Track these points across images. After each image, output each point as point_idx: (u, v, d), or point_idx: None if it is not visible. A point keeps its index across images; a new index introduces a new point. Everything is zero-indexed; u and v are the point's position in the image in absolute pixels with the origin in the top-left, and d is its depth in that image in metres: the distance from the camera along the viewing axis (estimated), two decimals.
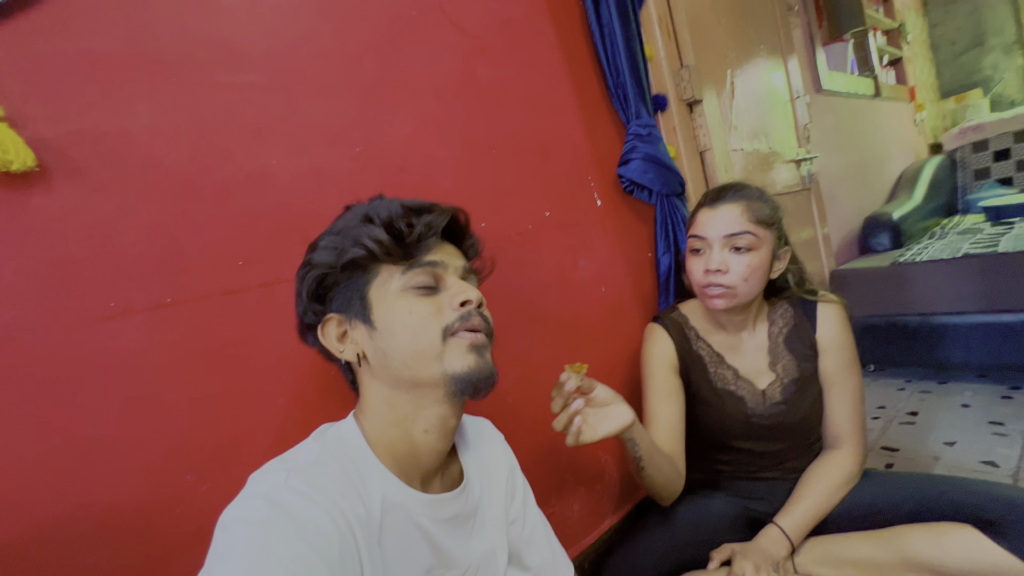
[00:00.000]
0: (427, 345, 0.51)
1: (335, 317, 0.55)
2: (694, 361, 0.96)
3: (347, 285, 0.54)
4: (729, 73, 1.52)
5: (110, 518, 0.56)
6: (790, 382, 0.92)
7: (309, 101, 0.75)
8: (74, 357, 0.56)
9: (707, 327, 0.98)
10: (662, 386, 0.94)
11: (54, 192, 0.56)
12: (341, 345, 0.55)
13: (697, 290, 0.92)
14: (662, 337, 0.98)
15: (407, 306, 0.52)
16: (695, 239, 0.91)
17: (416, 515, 0.52)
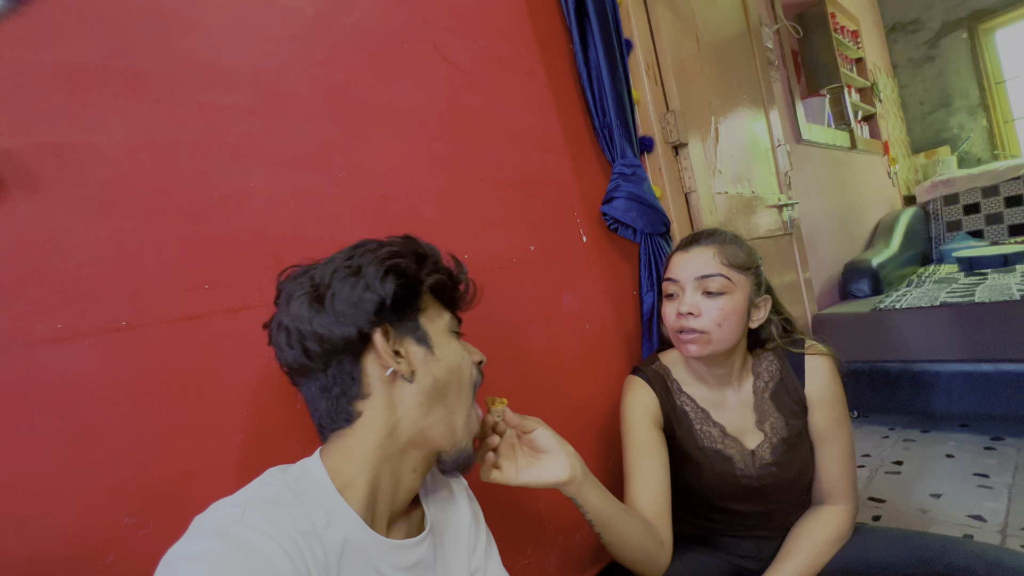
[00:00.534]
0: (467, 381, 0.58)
1: (391, 329, 0.54)
2: (679, 417, 0.92)
3: (413, 302, 0.56)
4: (713, 119, 1.56)
5: (29, 568, 0.50)
6: (779, 442, 0.88)
7: (293, 125, 0.74)
8: (8, 383, 0.51)
9: (689, 380, 0.94)
10: (642, 441, 0.88)
11: (8, 205, 0.53)
12: (398, 358, 0.54)
13: (672, 336, 0.89)
14: (643, 390, 0.93)
15: (460, 349, 0.59)
16: (668, 283, 0.89)
17: (377, 561, 0.49)
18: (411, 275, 0.54)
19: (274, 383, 0.67)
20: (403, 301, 0.54)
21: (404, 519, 0.57)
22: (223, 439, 0.63)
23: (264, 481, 0.48)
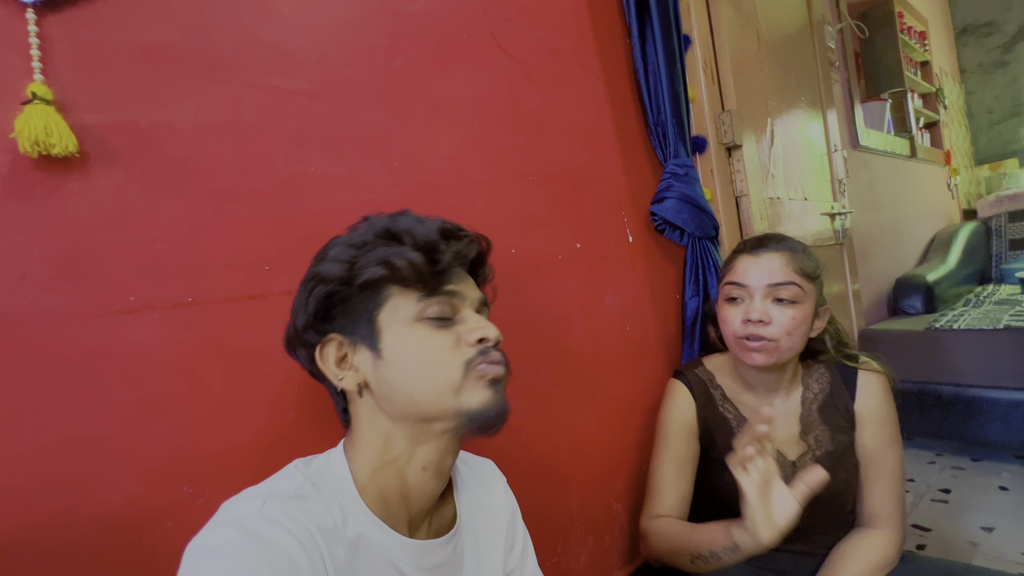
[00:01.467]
0: (444, 380, 0.47)
1: (336, 338, 0.50)
2: (718, 424, 0.90)
3: (357, 305, 0.49)
4: (769, 121, 1.50)
5: (99, 526, 0.53)
6: (823, 455, 0.85)
7: (354, 112, 0.74)
8: (85, 350, 0.54)
9: (734, 387, 0.92)
10: (679, 453, 0.89)
11: (90, 179, 0.55)
12: (340, 371, 0.50)
13: (733, 341, 0.86)
14: (683, 397, 0.92)
15: (422, 339, 0.48)
16: (733, 286, 0.86)
17: (398, 561, 0.48)
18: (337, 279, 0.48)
19: None
20: (338, 306, 0.50)
21: (432, 517, 0.55)
22: (276, 417, 0.64)
23: (288, 473, 0.48)
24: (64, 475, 0.52)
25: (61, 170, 0.54)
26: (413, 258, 0.48)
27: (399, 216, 0.52)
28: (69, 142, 0.52)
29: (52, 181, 0.53)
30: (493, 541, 0.59)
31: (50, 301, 0.52)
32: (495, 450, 0.74)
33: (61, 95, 0.53)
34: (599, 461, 1.02)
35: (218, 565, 0.36)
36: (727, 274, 0.88)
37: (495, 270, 0.61)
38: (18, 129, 0.49)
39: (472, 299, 0.53)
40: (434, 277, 0.49)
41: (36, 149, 0.50)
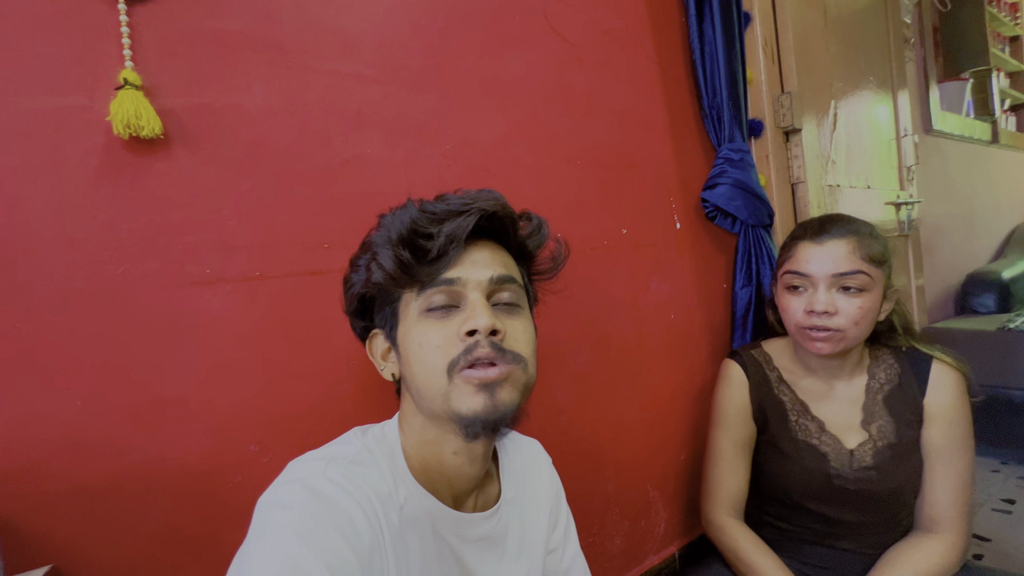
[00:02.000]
0: (434, 382, 0.46)
1: (379, 333, 0.53)
2: (773, 406, 0.88)
3: (383, 303, 0.52)
4: (833, 103, 1.42)
5: (178, 476, 0.58)
6: (885, 447, 0.81)
7: (408, 95, 0.76)
8: (167, 317, 0.59)
9: (794, 369, 0.89)
10: (737, 435, 0.89)
11: (173, 160, 0.60)
12: (384, 362, 0.54)
13: (795, 331, 0.83)
14: (737, 378, 0.90)
15: (419, 335, 0.47)
16: (794, 275, 0.82)
17: (443, 531, 0.50)
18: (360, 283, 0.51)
19: None
20: (372, 304, 0.53)
21: (479, 493, 0.56)
22: (333, 387, 0.68)
23: (347, 439, 0.51)
24: (150, 429, 0.57)
25: (147, 151, 0.58)
26: (397, 254, 0.46)
27: (398, 209, 0.49)
28: (156, 125, 0.56)
29: (140, 161, 0.58)
30: (537, 518, 0.61)
31: (138, 271, 0.57)
32: (536, 430, 0.76)
33: (148, 81, 0.57)
34: (637, 447, 1.02)
35: (288, 518, 0.39)
36: (787, 262, 0.85)
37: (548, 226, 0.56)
38: (112, 113, 0.54)
39: (478, 281, 0.47)
40: (426, 267, 0.46)
41: (127, 131, 0.55)
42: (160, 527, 0.57)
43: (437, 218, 0.47)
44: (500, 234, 0.52)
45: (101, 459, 0.55)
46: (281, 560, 0.36)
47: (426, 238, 0.46)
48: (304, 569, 0.36)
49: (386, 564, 0.43)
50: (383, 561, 0.43)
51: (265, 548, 0.38)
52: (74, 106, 0.54)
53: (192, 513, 0.59)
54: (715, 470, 0.91)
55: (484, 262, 0.49)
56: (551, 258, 0.58)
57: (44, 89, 0.53)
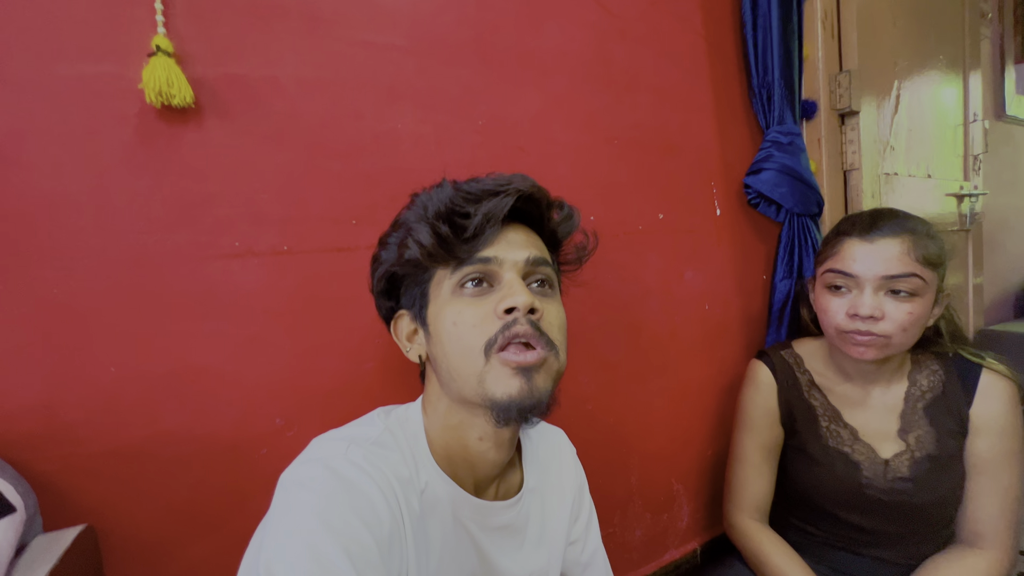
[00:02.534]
0: (469, 362, 0.45)
1: (405, 314, 0.52)
2: (802, 411, 0.84)
3: (412, 282, 0.51)
4: (896, 84, 1.31)
5: (206, 445, 0.60)
6: (923, 458, 0.76)
7: (442, 68, 0.73)
8: (199, 288, 0.59)
9: (826, 373, 0.84)
10: (761, 441, 0.85)
11: (204, 130, 0.59)
12: (409, 344, 0.52)
13: (833, 333, 0.78)
14: (765, 379, 0.86)
15: (453, 313, 0.46)
16: (837, 274, 0.76)
17: (464, 518, 0.49)
18: (389, 261, 0.51)
19: None
20: (400, 284, 0.52)
21: (500, 481, 0.55)
22: (358, 364, 0.68)
23: (370, 420, 0.50)
24: (181, 398, 0.58)
25: (179, 121, 0.58)
26: (423, 238, 0.46)
27: (434, 189, 0.49)
28: (187, 93, 0.55)
29: (172, 131, 0.57)
30: (558, 509, 0.60)
31: (171, 242, 0.58)
32: (560, 417, 0.74)
33: (180, 48, 0.57)
34: (664, 439, 0.99)
35: (308, 498, 0.39)
36: (830, 258, 0.78)
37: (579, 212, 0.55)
38: (145, 80, 0.53)
39: (514, 261, 0.47)
40: (463, 245, 0.46)
41: (159, 100, 0.54)
42: (188, 493, 0.59)
43: (474, 197, 0.46)
44: (534, 218, 0.52)
45: (134, 425, 0.56)
46: (302, 544, 0.36)
47: (463, 216, 0.46)
48: (324, 554, 0.36)
49: (405, 549, 0.43)
50: (402, 546, 0.43)
51: (286, 530, 0.38)
52: (108, 73, 0.54)
53: (218, 482, 0.60)
54: (739, 474, 0.87)
55: (519, 243, 0.49)
56: (578, 248, 0.58)
57: (79, 55, 0.53)
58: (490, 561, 0.51)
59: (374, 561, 0.38)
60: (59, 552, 0.46)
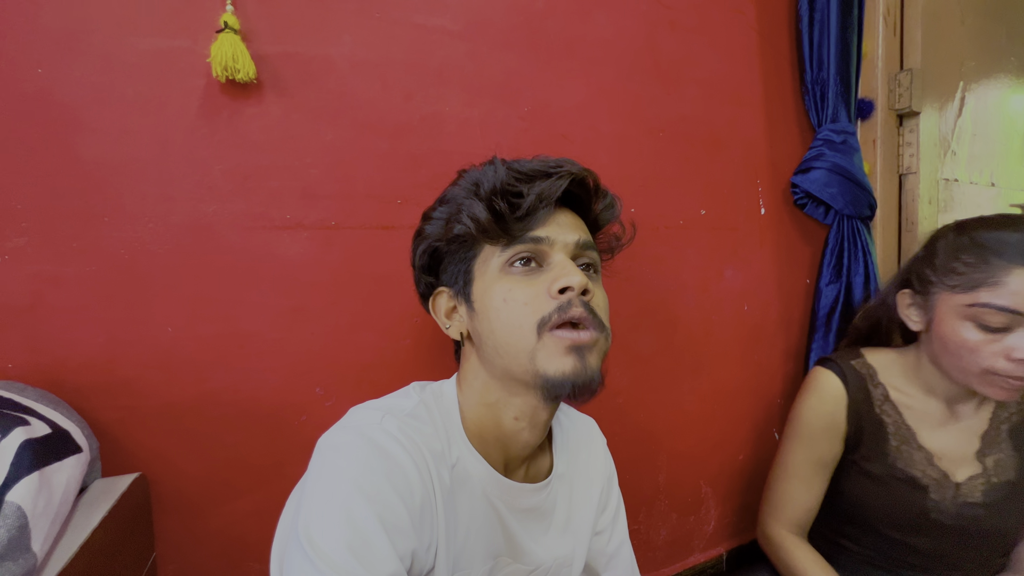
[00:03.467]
0: (519, 339, 0.45)
1: (446, 291, 0.52)
2: (872, 427, 0.76)
3: (456, 259, 0.50)
4: (961, 85, 1.24)
5: (250, 407, 0.62)
6: (1002, 484, 0.71)
7: (490, 53, 0.74)
8: (250, 257, 0.61)
9: (907, 389, 0.76)
10: (817, 456, 0.78)
11: (264, 105, 0.61)
12: (448, 321, 0.52)
13: (976, 373, 0.66)
14: (834, 391, 0.77)
15: (503, 291, 0.46)
16: (999, 312, 0.62)
17: (492, 496, 0.49)
18: (434, 236, 0.50)
19: None
20: (442, 260, 0.52)
21: (529, 464, 0.55)
22: (395, 341, 0.70)
23: (406, 392, 0.50)
24: (229, 360, 0.61)
25: (241, 95, 0.60)
26: (477, 212, 0.46)
27: (486, 166, 0.49)
28: (250, 69, 0.58)
29: (234, 105, 0.60)
30: (586, 498, 0.59)
31: (227, 212, 0.60)
32: (589, 409, 0.73)
33: (245, 26, 0.59)
34: (694, 440, 0.97)
35: (344, 464, 0.40)
36: (986, 289, 0.63)
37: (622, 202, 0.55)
38: (213, 54, 0.56)
39: (565, 243, 0.47)
40: (516, 223, 0.46)
41: (224, 74, 0.57)
42: (231, 453, 0.61)
43: (527, 177, 0.46)
44: (581, 202, 0.52)
45: (185, 382, 0.59)
46: (339, 508, 0.37)
47: (516, 195, 0.46)
48: (359, 520, 0.36)
49: (436, 521, 0.43)
50: (433, 518, 0.43)
51: (324, 494, 0.38)
52: (180, 48, 0.57)
53: (260, 444, 0.63)
54: (785, 485, 0.81)
55: (569, 225, 0.49)
56: (613, 237, 0.58)
57: (155, 30, 0.56)
58: (516, 541, 0.51)
59: (406, 530, 0.39)
60: (116, 495, 0.49)
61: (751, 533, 1.06)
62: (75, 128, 0.54)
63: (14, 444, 0.36)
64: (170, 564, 0.59)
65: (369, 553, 0.36)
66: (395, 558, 0.37)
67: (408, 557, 0.39)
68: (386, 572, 0.36)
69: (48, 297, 0.53)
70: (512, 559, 0.51)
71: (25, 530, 0.32)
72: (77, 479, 0.42)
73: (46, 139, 0.53)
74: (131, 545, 0.50)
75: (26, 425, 0.39)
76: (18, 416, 0.40)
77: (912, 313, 0.73)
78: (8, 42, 0.51)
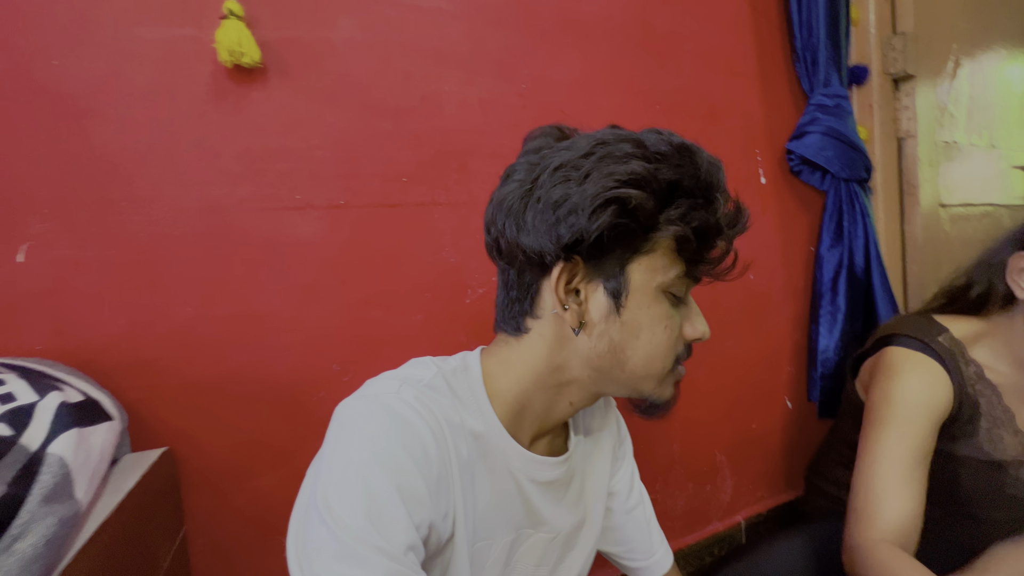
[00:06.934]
0: (659, 368, 0.45)
1: (582, 266, 0.43)
2: (966, 409, 0.68)
3: (622, 247, 0.43)
4: (955, 48, 1.25)
5: (270, 385, 0.64)
6: None
7: (486, 31, 0.75)
8: (262, 238, 0.63)
9: (998, 365, 0.69)
10: (920, 447, 0.65)
11: (269, 90, 0.63)
12: (566, 299, 0.44)
13: None
14: (938, 379, 0.67)
15: (662, 316, 0.44)
16: None
17: (514, 469, 0.49)
18: (641, 217, 0.41)
19: (451, 276, 0.73)
20: (614, 241, 0.42)
21: (549, 436, 0.55)
22: (407, 317, 0.71)
23: (423, 363, 0.49)
24: (247, 339, 0.62)
25: (247, 80, 0.62)
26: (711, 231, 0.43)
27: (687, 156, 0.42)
28: (255, 54, 0.59)
29: (240, 90, 0.62)
30: (599, 463, 0.60)
31: (238, 194, 0.62)
32: None
33: (249, 12, 0.61)
34: (706, 409, 0.98)
35: (361, 432, 0.39)
36: None
37: None
38: (218, 40, 0.58)
39: None
40: (702, 254, 0.44)
41: (230, 60, 0.58)
42: (253, 429, 0.63)
43: (731, 222, 0.45)
44: None
45: (206, 362, 0.60)
46: (357, 476, 0.37)
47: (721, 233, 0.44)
48: (377, 488, 0.37)
49: (452, 492, 0.43)
50: (449, 488, 0.43)
51: (342, 462, 0.38)
52: (186, 36, 0.59)
53: (280, 420, 0.64)
54: (883, 483, 0.65)
55: None
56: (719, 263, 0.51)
57: (161, 20, 0.58)
58: (537, 512, 0.51)
59: (423, 499, 0.39)
60: (145, 467, 0.50)
61: (768, 501, 1.07)
62: (89, 117, 0.56)
63: (53, 404, 0.37)
64: (200, 538, 0.60)
65: (387, 522, 0.36)
66: (412, 528, 0.37)
67: (425, 526, 0.39)
68: (403, 541, 0.36)
69: (71, 281, 0.55)
70: (534, 530, 0.51)
71: (68, 478, 0.34)
72: (111, 444, 0.44)
73: (62, 128, 0.55)
74: (162, 514, 0.52)
75: (61, 391, 0.41)
76: (53, 383, 0.41)
77: (1022, 279, 0.66)
78: (25, 35, 0.53)
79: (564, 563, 0.55)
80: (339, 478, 0.37)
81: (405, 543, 0.37)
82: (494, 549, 0.47)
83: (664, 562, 0.64)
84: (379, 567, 0.35)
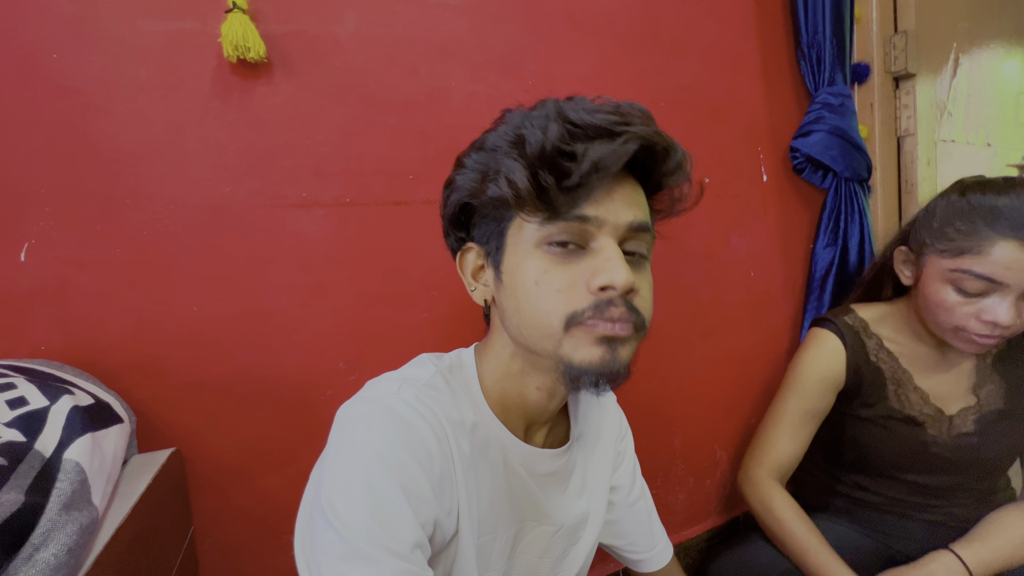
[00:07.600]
0: (546, 326, 0.41)
1: (475, 248, 0.47)
2: (869, 376, 0.80)
3: (488, 218, 0.45)
4: (955, 47, 1.25)
5: (277, 384, 0.63)
6: (991, 412, 0.75)
7: (493, 26, 0.75)
8: (269, 235, 0.62)
9: (897, 337, 0.80)
10: (808, 407, 0.82)
11: (274, 85, 0.62)
12: (475, 282, 0.48)
13: (948, 329, 0.71)
14: (832, 349, 0.81)
15: (536, 270, 0.41)
16: (977, 279, 0.65)
17: (514, 463, 0.49)
18: (467, 190, 0.44)
19: (456, 274, 0.73)
20: (474, 215, 0.45)
21: (548, 429, 0.54)
22: (412, 315, 0.71)
23: (421, 362, 0.49)
24: (254, 338, 0.62)
25: (252, 75, 0.61)
26: (535, 174, 0.38)
27: (535, 110, 0.41)
28: (260, 48, 0.58)
29: (245, 85, 0.60)
30: (601, 458, 0.60)
31: (244, 191, 0.61)
32: None
33: (253, 5, 0.59)
34: (706, 405, 0.99)
35: (364, 434, 0.39)
36: (968, 256, 0.66)
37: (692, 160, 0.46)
38: (223, 34, 0.56)
39: (615, 224, 0.41)
40: (562, 195, 0.39)
41: (235, 54, 0.57)
42: (260, 429, 0.62)
43: (584, 135, 0.38)
44: (644, 168, 0.43)
45: (213, 360, 0.60)
46: (360, 478, 0.37)
47: (568, 158, 0.38)
48: (381, 489, 0.37)
49: (456, 490, 0.43)
50: (453, 487, 0.43)
51: (345, 464, 0.38)
52: (189, 30, 0.58)
53: (287, 420, 0.64)
54: (774, 431, 0.85)
55: (623, 201, 0.41)
56: (675, 198, 0.49)
57: (164, 13, 0.57)
58: (539, 505, 0.52)
59: (427, 498, 0.39)
60: (155, 469, 0.50)
61: None
62: (92, 112, 0.55)
63: (64, 409, 0.37)
64: (207, 538, 0.60)
65: (392, 521, 0.36)
66: (417, 526, 0.37)
67: (430, 524, 0.39)
68: (410, 539, 0.37)
69: (75, 279, 0.54)
70: (536, 522, 0.52)
71: (85, 484, 0.34)
72: (123, 447, 0.43)
73: (64, 124, 0.54)
74: (172, 516, 0.52)
75: (71, 394, 0.40)
76: (62, 387, 0.41)
77: (905, 269, 0.77)
78: (24, 28, 0.52)
79: (568, 557, 0.55)
80: (343, 481, 0.37)
81: (412, 541, 0.37)
82: (498, 542, 0.48)
83: (665, 555, 0.65)
84: (388, 565, 0.35)
